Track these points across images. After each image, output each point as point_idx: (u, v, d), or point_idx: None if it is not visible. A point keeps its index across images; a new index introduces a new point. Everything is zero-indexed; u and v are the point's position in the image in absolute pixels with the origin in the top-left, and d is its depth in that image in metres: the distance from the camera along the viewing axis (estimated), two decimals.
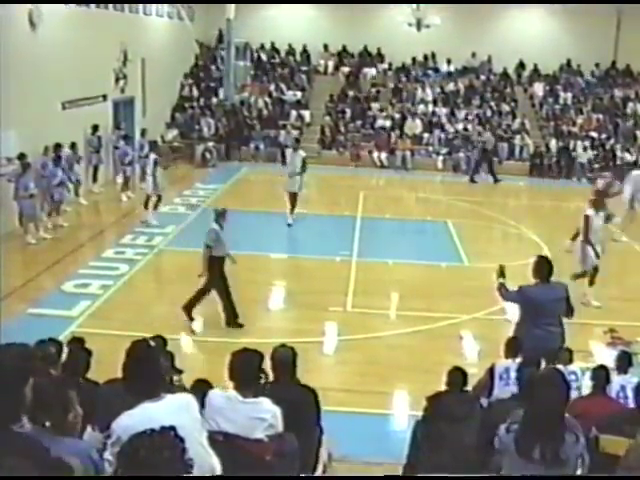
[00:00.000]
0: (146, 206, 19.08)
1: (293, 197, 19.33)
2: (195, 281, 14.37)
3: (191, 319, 12.42)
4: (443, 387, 7.33)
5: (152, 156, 19.46)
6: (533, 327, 9.08)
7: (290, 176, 19.45)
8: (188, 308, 12.41)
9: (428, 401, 7.23)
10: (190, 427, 4.38)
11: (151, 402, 4.37)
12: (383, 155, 29.24)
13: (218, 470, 4.63)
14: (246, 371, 5.62)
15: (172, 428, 3.32)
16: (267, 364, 6.24)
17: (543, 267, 9.23)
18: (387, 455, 8.17)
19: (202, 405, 5.24)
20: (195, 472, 4.30)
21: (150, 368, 4.63)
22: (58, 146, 18.24)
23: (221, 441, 5.23)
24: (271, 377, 6.44)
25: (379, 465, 8.02)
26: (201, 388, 6.11)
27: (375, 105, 31.90)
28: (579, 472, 5.31)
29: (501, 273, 9.63)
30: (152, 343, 5.28)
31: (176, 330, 11.70)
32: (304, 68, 34.00)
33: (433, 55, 34.36)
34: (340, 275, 15.09)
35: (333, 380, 10.59)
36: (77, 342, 7.41)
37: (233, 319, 12.46)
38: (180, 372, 5.45)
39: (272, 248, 17.04)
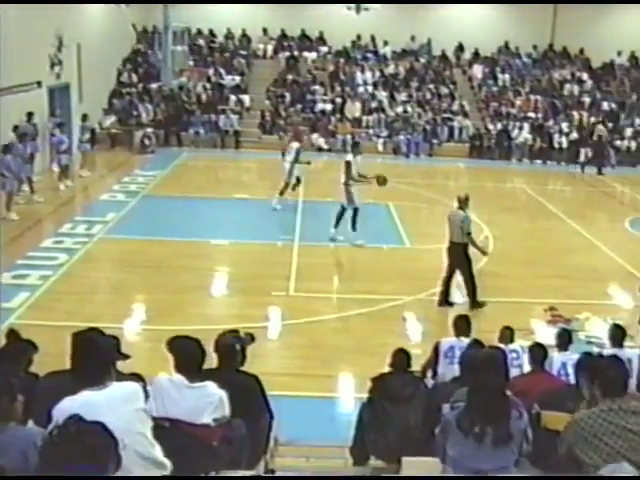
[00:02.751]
0: (282, 193, 19.40)
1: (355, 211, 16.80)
2: (137, 269, 14.28)
3: (450, 304, 13.04)
4: (387, 369, 7.36)
5: (295, 145, 19.84)
6: None
7: (351, 185, 16.87)
8: (444, 297, 13.06)
9: (373, 383, 7.26)
10: (131, 417, 4.35)
11: (93, 390, 4.32)
12: (321, 139, 29.21)
13: (160, 460, 4.58)
14: (191, 357, 5.61)
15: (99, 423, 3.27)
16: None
17: None
18: (333, 438, 8.17)
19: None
20: (137, 462, 4.31)
21: (96, 356, 4.60)
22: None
23: (167, 427, 5.20)
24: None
25: (325, 448, 8.03)
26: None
27: (315, 89, 31.87)
28: (524, 447, 5.39)
29: None
30: (102, 332, 5.24)
31: (118, 319, 11.56)
32: (243, 52, 33.78)
33: (372, 38, 34.40)
34: (282, 260, 15.06)
35: (277, 365, 10.56)
36: (13, 334, 7.26)
37: (475, 300, 12.93)
38: (127, 357, 5.41)
39: (213, 234, 16.89)
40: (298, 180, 19.87)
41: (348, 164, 16.69)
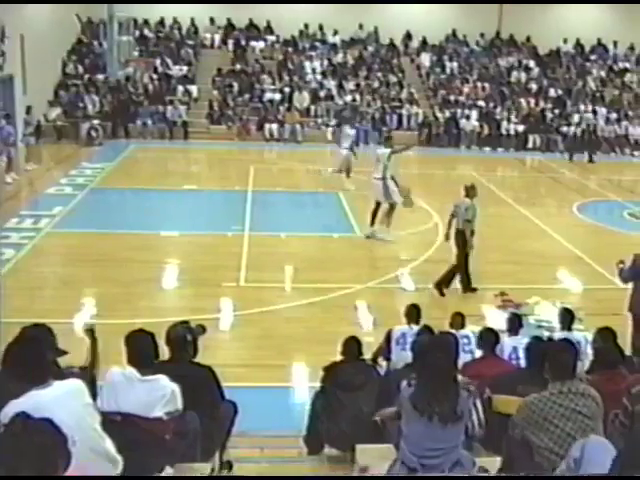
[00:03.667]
0: (348, 175, 20.91)
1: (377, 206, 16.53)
2: (86, 262, 14.09)
3: (442, 294, 13.07)
4: (340, 357, 7.37)
5: (352, 132, 21.28)
6: (638, 293, 9.70)
7: (388, 179, 16.47)
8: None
9: (325, 371, 7.26)
10: (81, 412, 4.33)
11: (39, 389, 4.27)
12: (274, 126, 29.13)
13: (112, 453, 4.56)
14: (143, 350, 5.58)
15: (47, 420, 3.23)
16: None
17: None
18: (288, 428, 8.18)
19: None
20: (89, 456, 4.28)
21: (36, 354, 4.54)
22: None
23: (119, 421, 5.16)
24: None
25: (280, 438, 8.02)
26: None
27: (263, 78, 31.74)
28: (477, 432, 5.43)
29: (621, 261, 10.17)
30: (39, 328, 5.17)
31: (68, 314, 11.40)
32: (190, 42, 33.52)
33: (320, 27, 34.37)
34: (232, 250, 14.98)
35: (230, 356, 10.50)
36: None
37: (468, 285, 13.22)
38: (64, 353, 5.34)
39: (163, 226, 16.75)
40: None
41: (391, 156, 16.51)
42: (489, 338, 7.76)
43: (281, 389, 9.85)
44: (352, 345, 7.32)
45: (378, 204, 16.34)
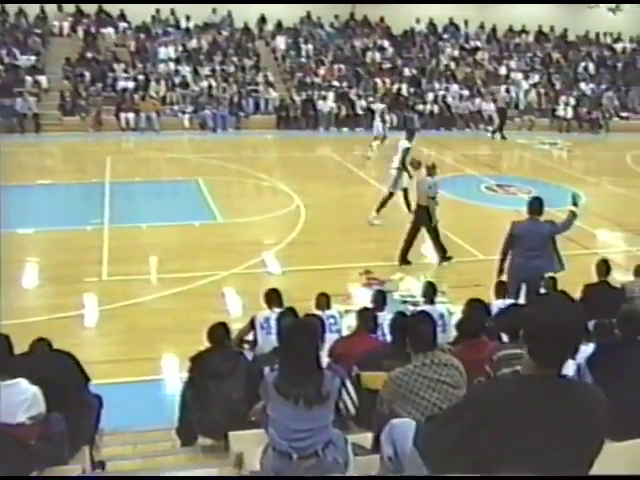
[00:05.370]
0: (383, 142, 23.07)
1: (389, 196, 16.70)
2: None
3: (409, 263, 13.78)
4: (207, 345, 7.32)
5: (381, 106, 21.84)
6: (515, 256, 10.22)
7: (402, 171, 16.55)
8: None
9: (192, 361, 7.20)
10: None
11: None
12: (130, 115, 28.56)
13: None
14: None
15: None
16: None
17: (535, 206, 10.13)
18: (160, 421, 8.08)
19: None
20: None
21: None
22: None
23: None
24: None
25: (152, 432, 7.92)
26: None
27: (116, 66, 31.04)
28: (351, 412, 5.47)
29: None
30: None
31: None
32: (38, 31, 32.35)
33: (172, 12, 33.90)
34: (92, 244, 14.64)
35: (97, 352, 10.26)
36: None
37: (444, 254, 14.04)
38: None
39: (17, 223, 16.14)
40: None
41: (407, 151, 16.43)
42: (367, 316, 7.89)
43: (150, 382, 9.70)
44: (219, 331, 7.26)
45: (391, 194, 16.56)
